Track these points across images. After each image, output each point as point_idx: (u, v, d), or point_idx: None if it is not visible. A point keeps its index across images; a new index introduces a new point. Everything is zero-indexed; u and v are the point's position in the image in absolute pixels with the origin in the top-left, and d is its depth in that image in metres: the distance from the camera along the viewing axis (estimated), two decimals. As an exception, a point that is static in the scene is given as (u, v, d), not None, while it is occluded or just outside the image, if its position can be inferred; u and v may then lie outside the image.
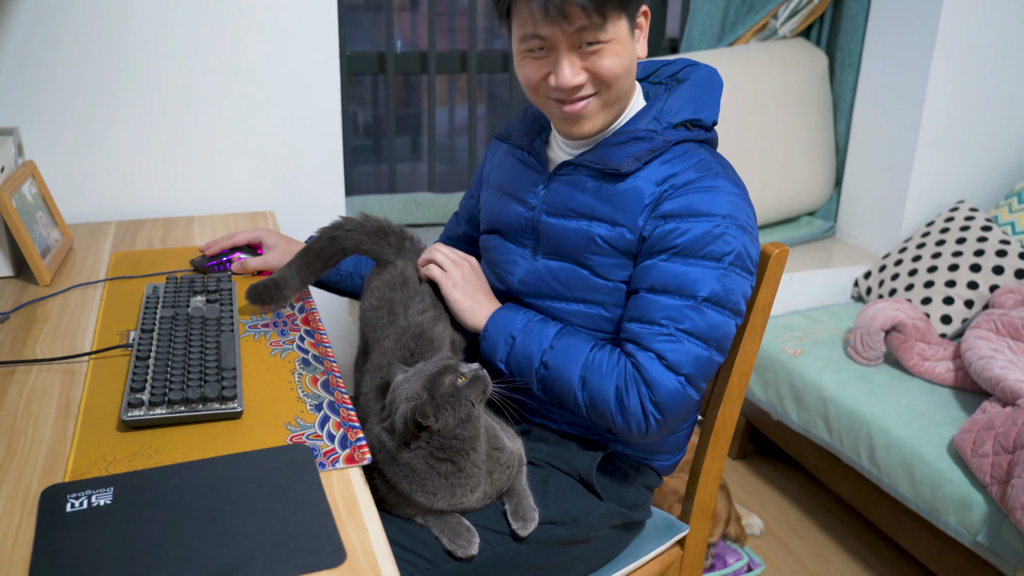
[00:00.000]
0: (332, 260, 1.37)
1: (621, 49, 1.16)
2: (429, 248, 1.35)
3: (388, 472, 1.11)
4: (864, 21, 2.59)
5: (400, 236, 1.37)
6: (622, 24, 1.15)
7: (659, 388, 1.14)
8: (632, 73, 1.21)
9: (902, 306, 2.14)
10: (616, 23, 1.14)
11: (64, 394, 1.14)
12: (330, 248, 1.35)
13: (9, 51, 1.72)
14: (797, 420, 2.19)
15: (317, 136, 1.99)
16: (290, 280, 1.36)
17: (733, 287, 1.16)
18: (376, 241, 1.35)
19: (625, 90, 1.21)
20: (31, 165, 1.61)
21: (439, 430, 1.06)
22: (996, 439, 1.69)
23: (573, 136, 1.25)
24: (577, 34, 1.13)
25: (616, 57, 1.16)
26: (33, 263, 1.47)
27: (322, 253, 1.36)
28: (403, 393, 1.09)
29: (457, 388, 1.07)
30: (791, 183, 2.65)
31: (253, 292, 1.34)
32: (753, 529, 2.19)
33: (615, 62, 1.16)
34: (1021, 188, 2.44)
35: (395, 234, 1.36)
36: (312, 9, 1.89)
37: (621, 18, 1.15)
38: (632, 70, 1.20)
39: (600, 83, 1.18)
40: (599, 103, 1.20)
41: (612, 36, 1.15)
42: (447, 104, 3.44)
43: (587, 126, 1.22)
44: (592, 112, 1.21)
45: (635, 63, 1.21)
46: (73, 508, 0.90)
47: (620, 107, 1.23)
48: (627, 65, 1.18)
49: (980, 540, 1.69)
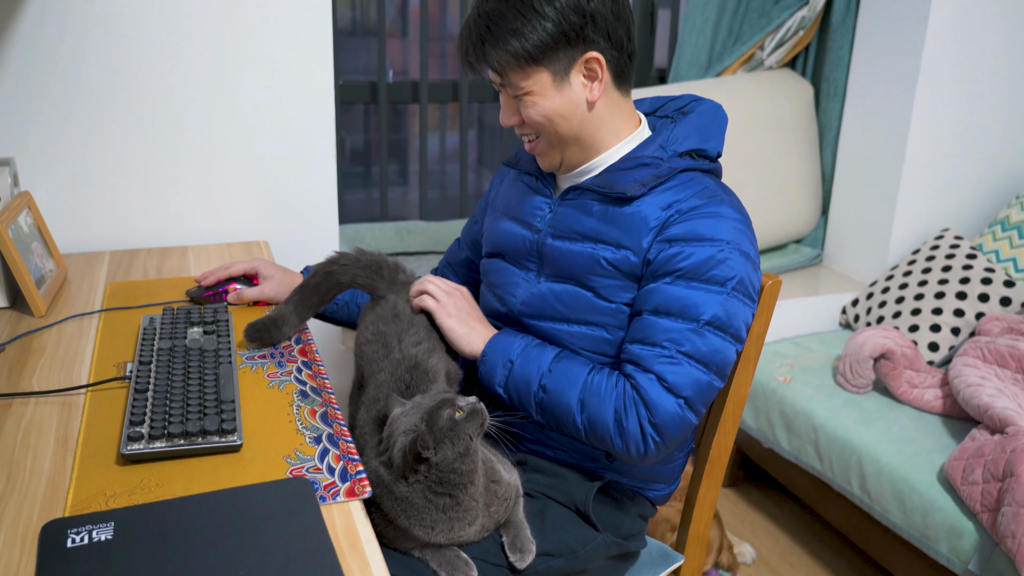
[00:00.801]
0: (329, 295, 1.39)
1: (542, 97, 1.23)
2: (420, 279, 1.36)
3: (386, 506, 1.11)
4: (849, 52, 2.64)
5: (394, 269, 1.39)
6: (539, 76, 1.21)
7: (658, 410, 1.15)
8: (573, 117, 1.24)
9: (890, 334, 2.16)
10: (528, 77, 1.21)
11: (62, 427, 1.13)
12: (326, 283, 1.37)
13: (4, 83, 1.73)
14: (788, 447, 2.21)
15: (311, 166, 2.00)
16: (288, 317, 1.38)
17: (735, 312, 1.18)
18: (370, 275, 1.37)
19: (570, 132, 1.26)
20: (27, 196, 1.61)
21: (437, 463, 1.07)
22: (986, 467, 1.71)
23: (545, 169, 1.33)
24: (500, 87, 1.26)
25: (534, 107, 1.23)
26: (28, 294, 1.47)
27: (319, 288, 1.38)
28: (401, 426, 1.09)
29: (455, 422, 1.07)
30: (778, 211, 2.68)
31: (252, 331, 1.36)
32: (745, 557, 2.20)
33: (534, 111, 1.24)
34: (1005, 216, 2.48)
35: (389, 267, 1.38)
36: (307, 40, 1.91)
37: (537, 71, 1.21)
38: (571, 115, 1.24)
39: (531, 127, 1.26)
40: (545, 143, 1.28)
41: (529, 88, 1.22)
42: (437, 130, 3.47)
43: (545, 162, 1.31)
44: (543, 150, 1.29)
45: (575, 106, 1.24)
46: (74, 543, 0.89)
47: (576, 146, 1.28)
48: (554, 110, 1.23)
49: (972, 568, 1.70)
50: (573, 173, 1.32)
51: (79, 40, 1.76)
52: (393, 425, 1.11)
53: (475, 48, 1.23)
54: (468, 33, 1.24)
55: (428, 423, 1.07)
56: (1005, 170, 2.64)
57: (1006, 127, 2.58)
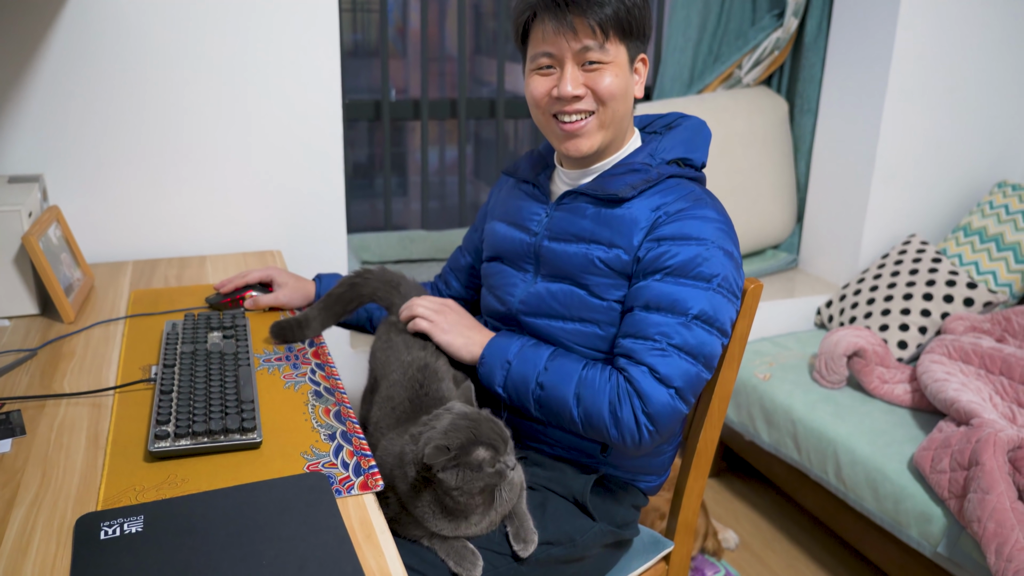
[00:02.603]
0: (351, 306, 1.43)
1: (619, 72, 1.23)
2: (407, 305, 1.35)
3: (400, 488, 1.09)
4: (821, 70, 2.66)
5: (412, 287, 1.41)
6: (622, 52, 1.22)
7: (651, 400, 1.16)
8: (628, 102, 1.26)
9: (862, 333, 2.17)
10: (617, 48, 1.22)
11: (93, 426, 1.14)
12: (349, 294, 1.41)
13: (34, 105, 1.73)
14: (768, 440, 2.22)
15: (321, 180, 2.01)
16: (311, 322, 1.41)
17: (720, 307, 1.19)
18: (389, 291, 1.40)
19: (620, 115, 1.25)
20: (55, 210, 1.61)
21: (440, 481, 1.03)
22: (952, 456, 1.72)
23: (569, 154, 1.28)
24: (581, 52, 1.20)
25: (614, 78, 1.22)
26: (58, 301, 1.47)
27: (342, 299, 1.41)
28: (445, 424, 1.05)
29: (481, 466, 1.03)
30: (757, 218, 2.69)
31: (277, 328, 1.40)
32: (729, 543, 2.20)
33: (613, 82, 1.22)
34: (967, 222, 2.49)
35: (408, 285, 1.41)
36: (316, 63, 1.92)
37: (621, 47, 1.22)
38: (628, 98, 1.26)
39: (598, 100, 1.23)
40: (596, 122, 1.25)
41: (612, 59, 1.21)
42: (437, 145, 3.47)
43: (584, 144, 1.26)
44: (589, 131, 1.25)
45: (631, 94, 1.26)
46: (106, 535, 0.90)
47: (614, 133, 1.27)
48: (623, 88, 1.23)
49: (940, 551, 1.71)
50: (572, 175, 1.33)
51: (103, 65, 1.76)
52: (444, 415, 1.07)
53: (586, 2, 1.18)
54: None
55: (460, 446, 1.02)
56: (968, 179, 2.65)
57: (968, 138, 2.60)
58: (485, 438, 1.03)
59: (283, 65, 1.89)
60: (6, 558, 0.88)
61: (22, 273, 1.49)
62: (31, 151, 1.76)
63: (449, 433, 1.03)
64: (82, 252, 1.73)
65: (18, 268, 1.48)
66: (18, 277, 1.49)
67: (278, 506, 0.96)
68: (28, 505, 0.96)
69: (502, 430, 1.06)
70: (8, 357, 1.34)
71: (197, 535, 0.90)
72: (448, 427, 1.04)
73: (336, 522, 0.94)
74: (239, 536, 0.90)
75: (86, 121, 1.78)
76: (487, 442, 1.03)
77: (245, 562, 0.86)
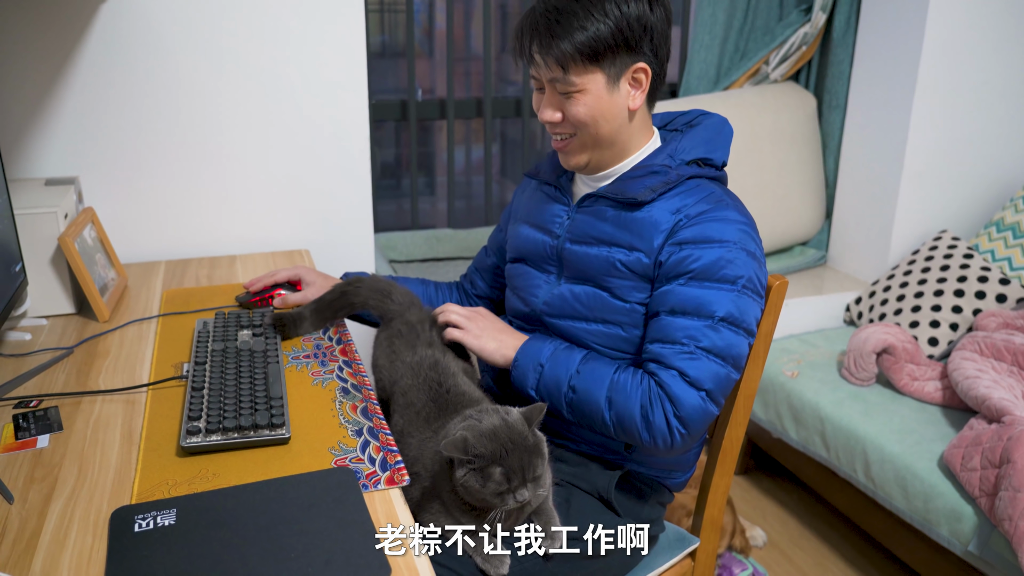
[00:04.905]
0: (341, 313, 1.46)
1: (591, 99, 1.22)
2: (442, 309, 1.36)
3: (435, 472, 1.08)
4: (849, 66, 2.63)
5: (404, 295, 1.41)
6: (595, 77, 1.21)
7: (683, 403, 1.16)
8: (612, 122, 1.24)
9: (892, 330, 2.15)
10: (586, 75, 1.20)
11: (127, 422, 1.16)
12: (340, 302, 1.44)
13: (69, 110, 1.77)
14: (796, 437, 2.20)
15: (348, 180, 2.03)
16: (302, 322, 1.45)
17: (746, 308, 1.19)
18: (381, 299, 1.41)
19: (605, 134, 1.25)
20: (90, 211, 1.65)
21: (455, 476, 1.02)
22: (983, 454, 1.70)
23: (568, 167, 1.32)
24: (551, 81, 1.22)
25: (583, 105, 1.22)
26: (93, 301, 1.50)
27: (332, 305, 1.45)
28: (486, 427, 1.02)
29: (487, 485, 1.00)
30: (785, 215, 2.68)
31: (276, 319, 1.44)
32: (757, 541, 2.19)
33: (581, 109, 1.22)
34: (1000, 218, 2.46)
35: (399, 293, 1.41)
36: (343, 64, 1.94)
37: (593, 72, 1.20)
38: (610, 119, 1.24)
39: (572, 125, 1.24)
40: (578, 143, 1.27)
41: (582, 87, 1.21)
42: (463, 144, 3.49)
43: (571, 161, 1.29)
44: (573, 150, 1.28)
45: (614, 114, 1.24)
46: (140, 528, 0.92)
47: (609, 149, 1.27)
48: (596, 113, 1.22)
49: (971, 549, 1.69)
50: (593, 178, 1.33)
51: (135, 71, 1.79)
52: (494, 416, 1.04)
53: (540, 39, 1.19)
54: (533, 24, 1.21)
55: (479, 455, 0.99)
56: (999, 174, 2.61)
57: (999, 133, 2.56)
58: (508, 464, 1.00)
59: (311, 67, 1.92)
60: (45, 549, 0.90)
61: (59, 273, 1.52)
62: (67, 155, 1.80)
63: (483, 437, 1.01)
64: (116, 253, 1.77)
65: (55, 269, 1.52)
66: (55, 277, 1.52)
67: (306, 500, 0.98)
68: (65, 499, 0.99)
69: (533, 468, 1.01)
70: (45, 355, 1.37)
71: (227, 528, 0.92)
72: (487, 431, 1.01)
73: (363, 516, 0.95)
74: (268, 530, 0.92)
75: (120, 125, 1.82)
76: (508, 468, 1.00)
77: (274, 555, 0.88)
